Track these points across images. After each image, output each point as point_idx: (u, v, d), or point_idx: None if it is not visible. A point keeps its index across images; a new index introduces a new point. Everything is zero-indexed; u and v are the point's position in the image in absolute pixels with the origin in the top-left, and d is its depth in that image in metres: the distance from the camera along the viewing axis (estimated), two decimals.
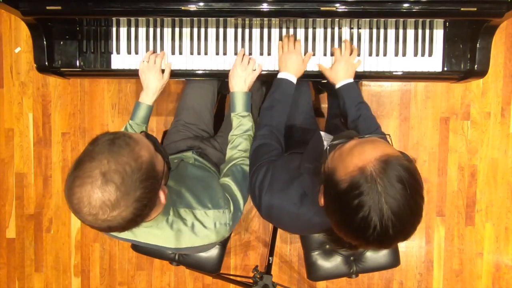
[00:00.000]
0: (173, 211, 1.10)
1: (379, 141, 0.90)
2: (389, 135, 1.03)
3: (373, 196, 0.82)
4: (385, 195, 0.82)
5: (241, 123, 1.39)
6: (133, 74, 1.54)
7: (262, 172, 1.17)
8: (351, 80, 1.43)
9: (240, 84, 1.42)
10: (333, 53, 1.48)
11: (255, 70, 1.46)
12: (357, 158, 0.86)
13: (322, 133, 1.31)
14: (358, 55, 1.49)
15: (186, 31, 1.50)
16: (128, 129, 1.43)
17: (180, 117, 1.61)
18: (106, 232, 0.91)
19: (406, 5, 1.31)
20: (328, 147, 0.99)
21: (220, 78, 1.65)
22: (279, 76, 1.43)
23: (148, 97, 1.45)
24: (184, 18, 1.48)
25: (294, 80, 1.42)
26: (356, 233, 0.86)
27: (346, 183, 0.85)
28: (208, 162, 1.45)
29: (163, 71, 1.47)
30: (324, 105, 2.17)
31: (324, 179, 0.94)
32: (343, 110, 1.44)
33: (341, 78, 1.43)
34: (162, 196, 0.97)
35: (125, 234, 1.12)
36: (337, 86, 1.43)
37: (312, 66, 1.50)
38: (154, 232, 1.09)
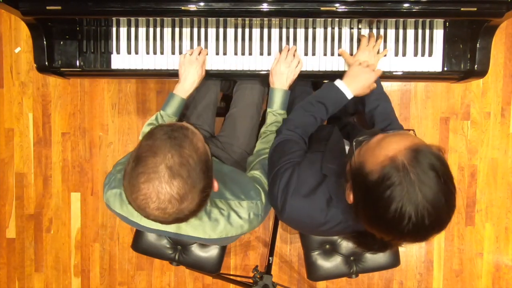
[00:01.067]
0: (210, 202, 1.10)
1: (407, 133, 0.89)
2: (413, 130, 0.99)
3: (406, 185, 0.79)
4: (419, 183, 0.79)
5: (276, 120, 1.38)
6: (133, 74, 1.54)
7: (286, 175, 1.11)
8: None
9: (282, 81, 1.41)
10: (360, 40, 1.44)
11: (297, 67, 1.43)
12: (386, 149, 0.84)
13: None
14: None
15: (186, 31, 1.50)
16: (159, 119, 1.42)
17: (185, 116, 1.61)
18: (170, 224, 0.92)
19: (406, 5, 1.31)
20: (354, 143, 0.96)
21: (222, 79, 1.65)
22: (337, 83, 1.31)
23: (184, 90, 1.42)
24: (184, 18, 1.48)
25: (350, 97, 1.30)
26: (390, 226, 0.83)
27: (376, 174, 0.83)
28: (218, 159, 1.46)
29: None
30: None
31: (352, 173, 0.91)
32: (361, 99, 1.38)
33: None
34: (215, 184, 0.98)
35: (171, 228, 1.12)
36: None
37: (312, 66, 1.50)
38: (194, 223, 1.10)
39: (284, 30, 1.49)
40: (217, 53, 1.50)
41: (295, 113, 1.31)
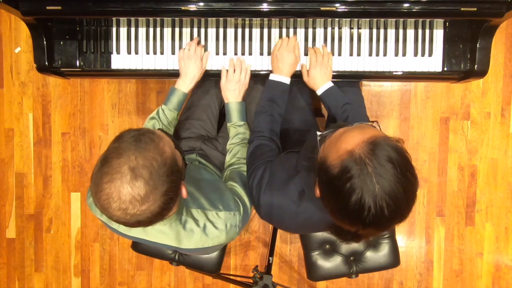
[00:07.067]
0: (186, 211, 1.10)
1: (367, 126, 0.91)
2: (376, 121, 1.01)
3: (364, 177, 0.82)
4: (376, 175, 0.82)
5: (238, 132, 1.41)
6: (133, 74, 1.54)
7: (259, 172, 1.17)
8: (330, 83, 1.43)
9: (234, 95, 1.44)
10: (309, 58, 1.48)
11: (246, 77, 1.46)
12: (346, 142, 0.87)
13: (319, 132, 1.31)
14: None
15: (186, 31, 1.50)
16: (160, 113, 1.43)
17: (188, 113, 1.60)
18: (133, 226, 0.93)
19: (406, 5, 1.31)
20: (319, 139, 0.99)
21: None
22: (271, 78, 1.42)
23: (185, 85, 1.44)
24: (184, 18, 1.48)
25: (288, 81, 1.41)
26: (352, 217, 0.86)
27: (337, 167, 0.86)
28: (211, 164, 1.46)
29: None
30: None
31: (317, 168, 0.95)
32: (330, 116, 1.45)
33: (319, 84, 1.43)
34: (184, 191, 0.99)
35: (137, 233, 1.13)
36: (318, 93, 1.44)
37: None
38: (166, 232, 1.10)
39: (284, 30, 1.49)
40: (217, 53, 1.50)
41: (255, 121, 1.39)
